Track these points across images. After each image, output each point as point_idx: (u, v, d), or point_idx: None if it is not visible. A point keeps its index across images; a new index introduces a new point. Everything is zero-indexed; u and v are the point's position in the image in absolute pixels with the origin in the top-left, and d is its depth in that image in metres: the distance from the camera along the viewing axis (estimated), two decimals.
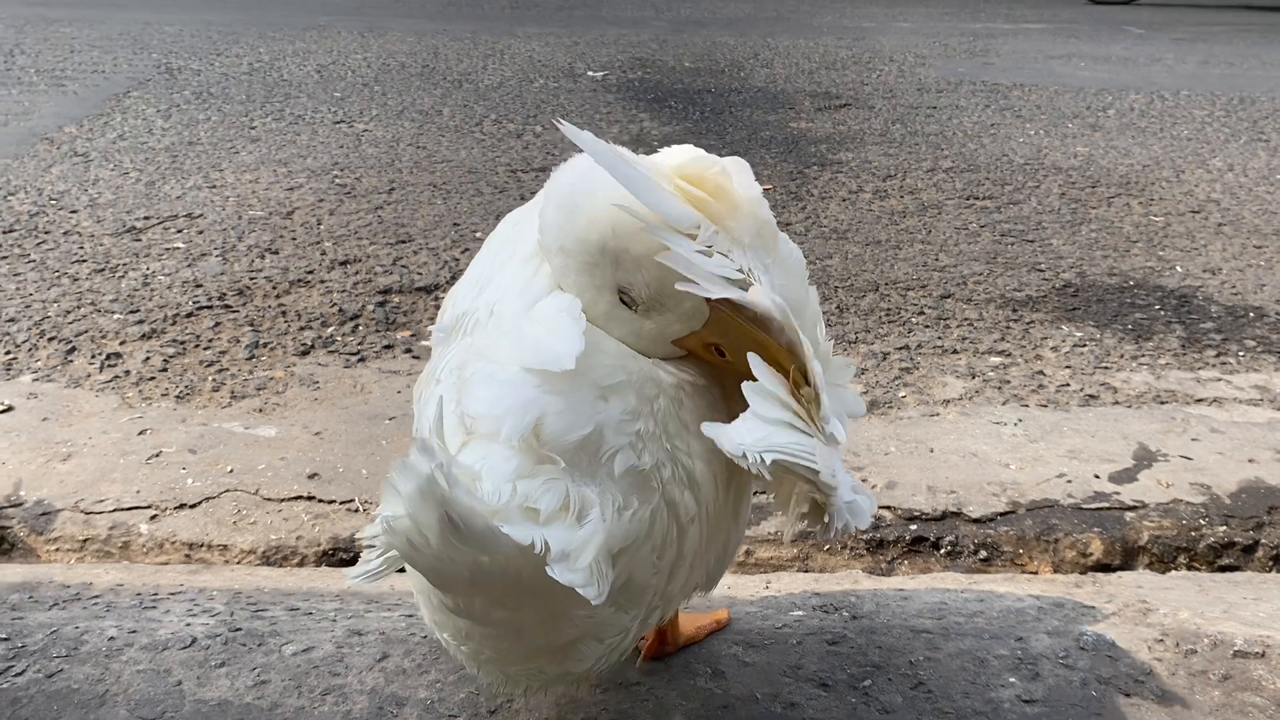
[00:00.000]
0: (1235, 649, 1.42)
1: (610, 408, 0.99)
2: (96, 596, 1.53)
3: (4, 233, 3.12)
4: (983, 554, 1.82)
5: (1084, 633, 1.45)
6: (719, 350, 1.08)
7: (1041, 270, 3.06)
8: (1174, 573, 1.77)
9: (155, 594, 1.54)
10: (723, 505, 1.11)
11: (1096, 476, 1.99)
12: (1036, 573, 1.79)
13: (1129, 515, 1.88)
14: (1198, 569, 1.81)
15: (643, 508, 0.98)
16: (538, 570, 0.89)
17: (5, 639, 1.39)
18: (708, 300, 1.04)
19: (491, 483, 0.92)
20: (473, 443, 0.96)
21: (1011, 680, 1.35)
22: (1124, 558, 1.83)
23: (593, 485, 0.95)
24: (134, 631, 1.41)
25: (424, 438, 0.88)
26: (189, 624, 1.43)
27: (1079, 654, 1.41)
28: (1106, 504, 1.91)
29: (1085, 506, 1.90)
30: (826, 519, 1.06)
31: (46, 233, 3.13)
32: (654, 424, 1.02)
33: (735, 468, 1.07)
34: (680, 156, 1.08)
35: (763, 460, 0.96)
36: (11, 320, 2.53)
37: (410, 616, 1.48)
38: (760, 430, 0.99)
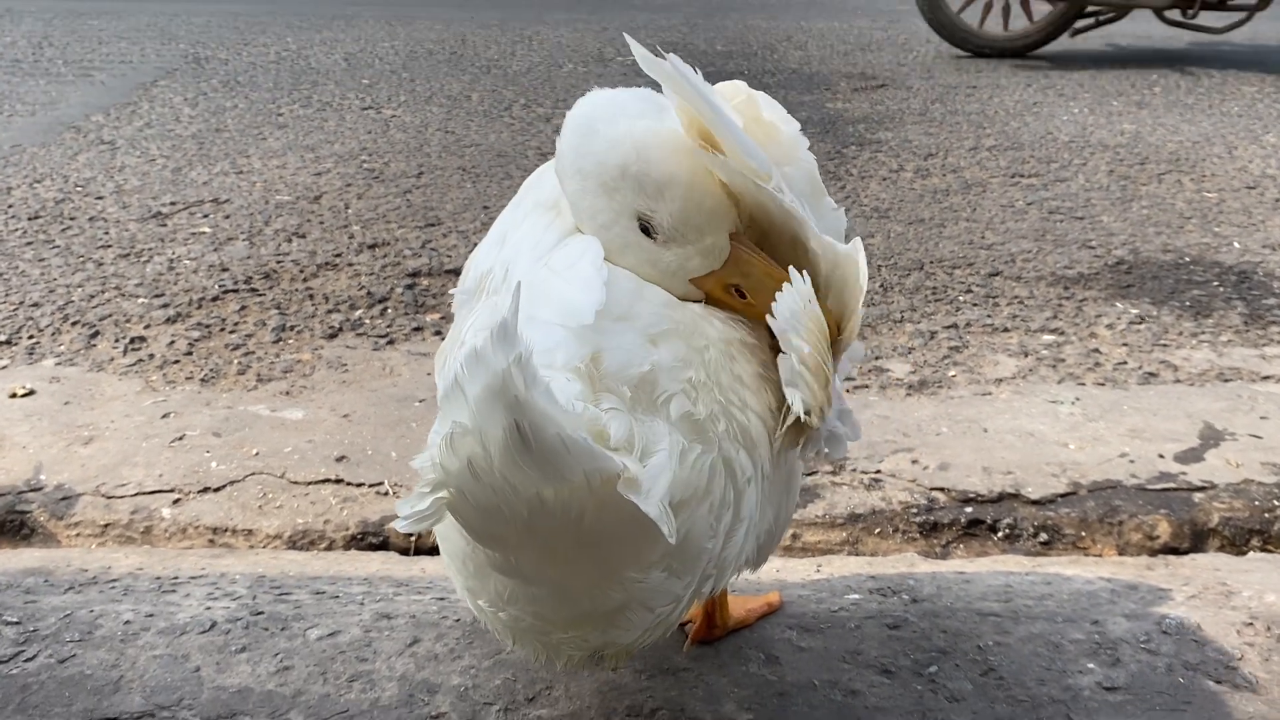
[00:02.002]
0: None
1: (661, 352, 0.93)
2: (114, 580, 1.46)
3: (30, 219, 3.07)
4: (1043, 536, 1.72)
5: (1165, 616, 1.35)
6: (739, 292, 1.02)
7: (1093, 247, 2.94)
8: (1252, 554, 1.67)
9: (175, 577, 1.47)
10: (775, 471, 1.03)
11: (1161, 456, 1.88)
12: (1101, 555, 1.69)
13: (1197, 496, 1.78)
14: (1272, 551, 1.71)
15: (703, 456, 0.91)
16: (602, 510, 0.80)
17: (16, 623, 1.32)
18: (731, 236, 1.00)
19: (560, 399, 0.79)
20: None
21: (1090, 666, 1.26)
22: (1193, 540, 1.73)
23: (655, 425, 0.88)
24: (151, 615, 1.34)
25: (504, 320, 0.73)
26: (209, 608, 1.36)
27: (1162, 638, 1.31)
28: (1173, 484, 1.81)
29: (1150, 487, 1.80)
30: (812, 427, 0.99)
31: (72, 219, 3.08)
32: (705, 374, 0.95)
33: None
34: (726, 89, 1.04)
35: None
36: (35, 305, 2.47)
37: (442, 600, 1.40)
38: None
